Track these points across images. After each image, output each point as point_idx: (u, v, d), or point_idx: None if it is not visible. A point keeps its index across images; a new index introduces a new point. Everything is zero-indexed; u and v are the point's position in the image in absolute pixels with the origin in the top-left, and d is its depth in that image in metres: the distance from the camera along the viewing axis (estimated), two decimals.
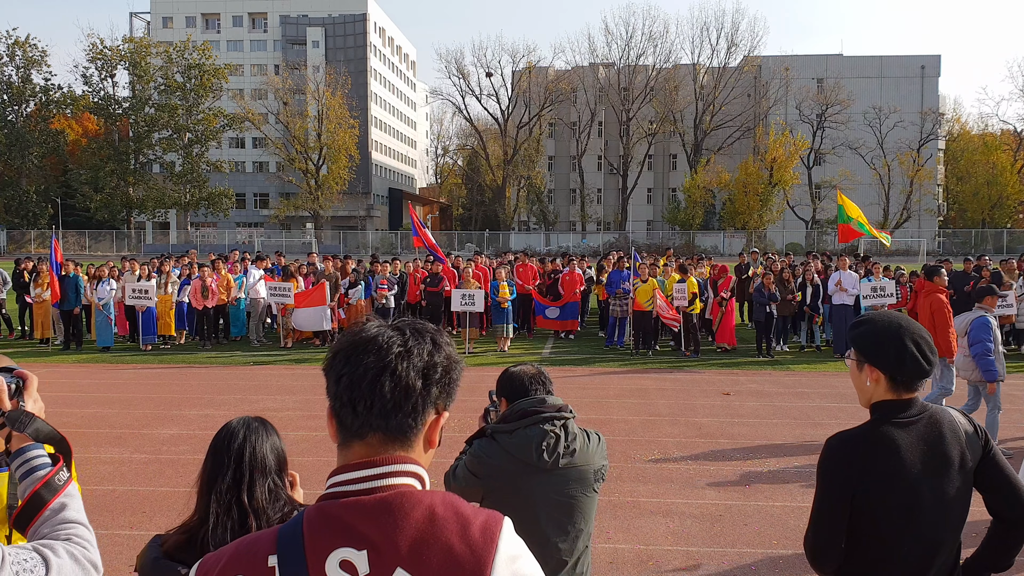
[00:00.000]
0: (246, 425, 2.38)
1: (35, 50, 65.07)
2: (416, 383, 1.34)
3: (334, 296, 15.70)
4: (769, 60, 67.20)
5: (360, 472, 1.31)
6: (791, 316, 15.25)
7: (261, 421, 2.42)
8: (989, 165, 65.41)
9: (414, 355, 1.35)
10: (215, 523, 2.21)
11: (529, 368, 2.91)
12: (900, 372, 2.33)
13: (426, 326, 1.42)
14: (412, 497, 1.28)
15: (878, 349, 2.36)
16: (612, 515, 6.24)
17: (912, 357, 2.32)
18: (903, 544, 2.28)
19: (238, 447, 2.31)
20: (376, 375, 1.32)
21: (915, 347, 2.33)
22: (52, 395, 11.18)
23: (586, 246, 58.02)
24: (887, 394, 2.37)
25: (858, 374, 2.42)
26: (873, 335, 2.39)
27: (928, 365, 2.34)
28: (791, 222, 64.20)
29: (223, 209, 65.68)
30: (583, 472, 2.79)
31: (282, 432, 2.52)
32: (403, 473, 1.32)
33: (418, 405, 1.35)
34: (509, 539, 1.30)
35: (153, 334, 15.58)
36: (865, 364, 2.39)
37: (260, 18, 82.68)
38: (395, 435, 1.33)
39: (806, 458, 7.91)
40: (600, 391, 11.47)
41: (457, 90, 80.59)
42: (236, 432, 2.34)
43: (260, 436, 2.36)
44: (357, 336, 1.38)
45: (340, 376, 1.35)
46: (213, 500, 2.25)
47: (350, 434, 1.34)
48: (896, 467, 2.26)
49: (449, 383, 1.40)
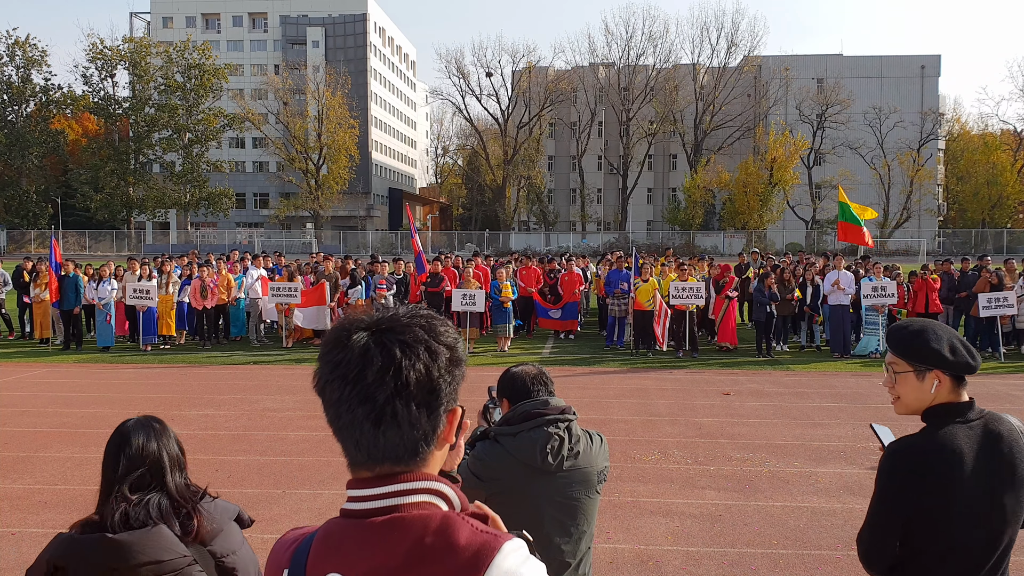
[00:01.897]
0: (151, 425, 2.48)
1: (35, 50, 65.09)
2: (419, 415, 1.24)
3: (334, 296, 15.70)
4: (769, 60, 67.20)
5: (370, 490, 1.25)
6: (791, 316, 15.26)
7: (159, 420, 2.53)
8: (989, 165, 65.42)
9: (411, 384, 1.23)
10: (128, 506, 2.31)
11: (531, 368, 2.90)
12: (967, 369, 2.31)
13: (415, 330, 1.27)
14: (409, 525, 1.21)
15: (942, 351, 2.32)
16: (612, 515, 6.23)
17: (967, 350, 2.32)
18: (961, 547, 2.27)
19: (152, 444, 2.42)
20: (374, 420, 1.23)
21: (961, 343, 2.33)
22: (52, 395, 11.18)
23: (586, 246, 58.01)
24: (948, 396, 2.34)
25: (919, 383, 2.35)
26: (932, 339, 2.34)
27: (976, 360, 2.33)
28: (791, 222, 64.20)
29: (223, 209, 65.69)
30: (586, 474, 2.78)
31: (282, 432, 2.58)
32: (417, 491, 1.25)
33: (427, 431, 1.26)
34: (499, 570, 1.18)
35: (153, 334, 15.57)
36: (929, 371, 2.33)
37: (260, 18, 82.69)
38: (406, 459, 1.26)
39: (806, 458, 7.91)
40: (600, 391, 11.46)
41: (457, 90, 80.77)
42: (132, 432, 2.43)
43: (168, 433, 2.50)
44: (338, 357, 1.26)
45: (330, 410, 1.28)
46: (121, 492, 2.34)
47: (357, 463, 1.28)
48: (959, 474, 2.24)
49: (453, 384, 1.29)
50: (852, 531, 5.97)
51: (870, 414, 9.84)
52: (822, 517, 6.27)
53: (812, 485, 7.06)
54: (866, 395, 11.10)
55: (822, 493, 6.84)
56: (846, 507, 6.48)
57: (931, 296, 14.91)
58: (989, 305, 14.14)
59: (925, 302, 14.90)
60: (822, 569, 5.32)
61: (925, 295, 14.92)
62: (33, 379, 12.65)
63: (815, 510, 6.43)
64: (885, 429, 2.62)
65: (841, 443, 8.45)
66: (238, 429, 9.08)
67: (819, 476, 7.32)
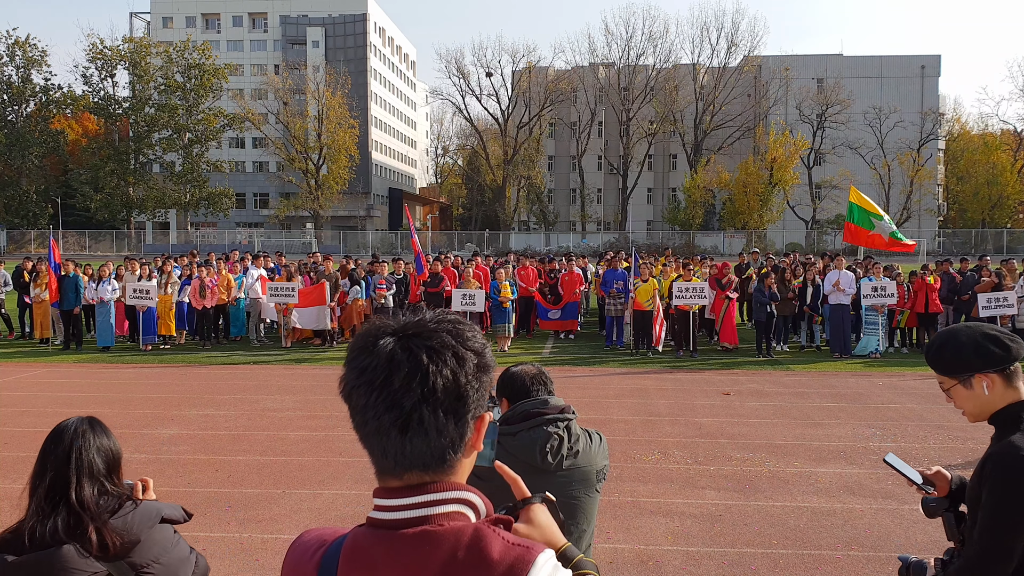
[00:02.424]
0: (74, 429, 2.41)
1: (35, 50, 65.07)
2: (446, 422, 1.23)
3: (334, 296, 15.71)
4: (769, 60, 67.20)
5: (399, 500, 1.23)
6: (791, 316, 15.26)
7: (91, 423, 2.46)
8: (989, 165, 65.41)
9: (438, 390, 1.21)
10: (36, 522, 2.30)
11: (530, 368, 2.91)
12: (1004, 360, 2.24)
13: (442, 335, 1.25)
14: (441, 539, 1.20)
15: (968, 355, 2.27)
16: (612, 515, 6.23)
17: (996, 342, 2.26)
18: None
19: (63, 451, 2.36)
20: (401, 426, 1.21)
21: (987, 337, 2.28)
22: (52, 395, 11.19)
23: (586, 246, 58.02)
24: (1006, 392, 2.26)
25: (970, 392, 2.30)
26: (954, 347, 2.31)
27: (1014, 342, 2.27)
28: (791, 222, 64.20)
29: (223, 209, 65.70)
30: (586, 473, 2.78)
31: (282, 432, 2.56)
32: (446, 501, 1.23)
33: (454, 438, 1.24)
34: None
35: (153, 334, 15.58)
36: (972, 376, 2.28)
37: (260, 18, 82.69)
38: (434, 466, 1.24)
39: (806, 458, 7.91)
40: (600, 391, 11.46)
41: (457, 90, 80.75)
42: (63, 436, 2.39)
43: (88, 439, 2.40)
44: (364, 362, 1.24)
45: (356, 416, 1.25)
46: (35, 501, 2.33)
47: (385, 471, 1.26)
48: None
49: (481, 390, 1.27)
50: (852, 531, 5.97)
51: (870, 414, 9.85)
52: (822, 517, 6.27)
53: (812, 485, 7.06)
54: (866, 395, 11.10)
55: (822, 493, 6.84)
56: (846, 507, 6.48)
57: (931, 296, 14.91)
58: (989, 305, 14.14)
59: (925, 302, 14.90)
60: (822, 569, 5.32)
61: (925, 295, 14.91)
62: (33, 379, 12.65)
63: (815, 510, 6.43)
64: (900, 460, 2.56)
65: (841, 443, 8.45)
66: (238, 429, 9.08)
67: (819, 476, 7.32)
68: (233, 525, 6.10)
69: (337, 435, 8.65)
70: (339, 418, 9.38)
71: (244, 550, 5.61)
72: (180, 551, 2.44)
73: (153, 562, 2.34)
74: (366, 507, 1.43)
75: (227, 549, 5.63)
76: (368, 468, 1.31)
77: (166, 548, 2.39)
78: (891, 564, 5.39)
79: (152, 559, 2.34)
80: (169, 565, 2.38)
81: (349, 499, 6.69)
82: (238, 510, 6.42)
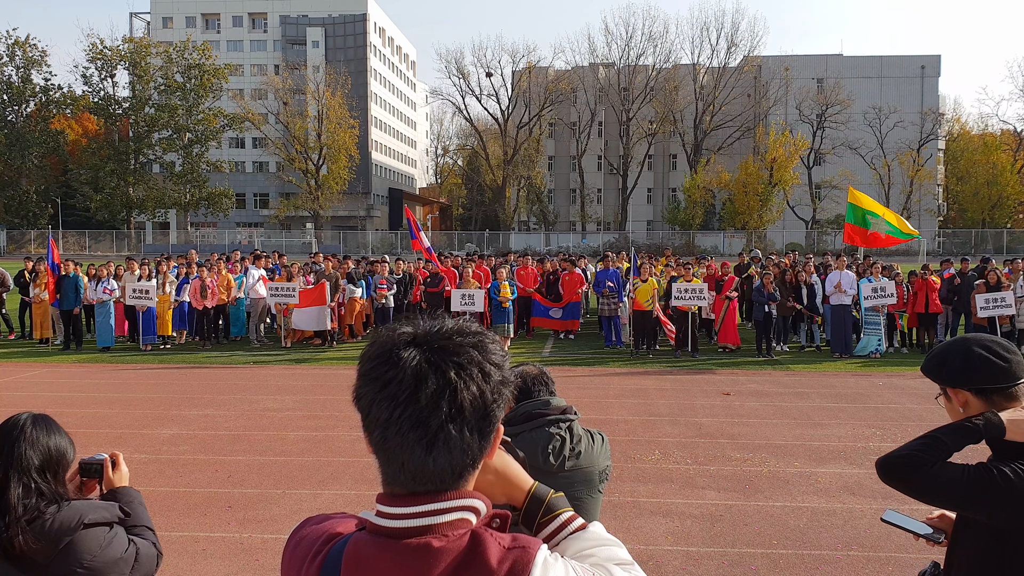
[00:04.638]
0: (19, 424, 2.38)
1: (35, 50, 65.09)
2: (471, 440, 1.20)
3: (334, 296, 15.70)
4: (769, 60, 67.19)
5: (404, 508, 1.21)
6: (791, 316, 15.25)
7: (35, 420, 2.43)
8: (989, 165, 65.42)
9: (466, 409, 1.18)
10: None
11: (531, 368, 2.90)
12: (984, 381, 2.09)
13: (468, 351, 1.21)
14: (442, 552, 1.18)
15: (951, 367, 2.13)
16: (612, 515, 6.23)
17: (981, 358, 2.11)
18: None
19: (6, 448, 2.32)
20: (427, 444, 1.17)
21: (983, 348, 2.13)
22: (52, 395, 11.19)
23: (586, 246, 58.02)
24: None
25: (950, 405, 2.20)
26: (936, 356, 2.22)
27: (1005, 363, 2.09)
28: (791, 222, 64.20)
29: (223, 209, 65.69)
30: (588, 473, 2.78)
31: (282, 432, 2.53)
32: (452, 509, 1.20)
33: (476, 455, 1.22)
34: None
35: (153, 334, 15.57)
36: (944, 392, 2.18)
37: (260, 18, 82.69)
38: (449, 482, 1.22)
39: (806, 458, 7.91)
40: (600, 391, 11.46)
41: (457, 90, 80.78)
42: (7, 433, 2.36)
43: (26, 434, 2.36)
44: (387, 375, 1.19)
45: (376, 431, 1.20)
46: None
47: (395, 482, 1.23)
48: None
49: (503, 405, 1.24)
50: (852, 531, 5.97)
51: (870, 414, 9.85)
52: (822, 517, 6.27)
53: (812, 485, 7.06)
54: (866, 395, 11.10)
55: (822, 493, 6.84)
56: (846, 507, 6.48)
57: (931, 296, 14.91)
58: (987, 306, 14.13)
59: (925, 302, 14.90)
60: (822, 569, 5.32)
61: (925, 295, 14.92)
62: (33, 379, 12.65)
63: (815, 510, 6.43)
64: (900, 515, 2.43)
65: (841, 443, 8.45)
66: (238, 429, 9.08)
67: (819, 476, 7.32)
68: (233, 525, 6.10)
69: (337, 435, 8.65)
70: (339, 418, 9.38)
71: (244, 550, 5.61)
72: (113, 551, 2.31)
73: (77, 567, 2.23)
74: (366, 507, 1.43)
75: (227, 549, 5.63)
76: (368, 468, 1.31)
77: (92, 552, 2.26)
78: (891, 564, 5.40)
79: (76, 565, 2.23)
80: (96, 569, 2.26)
81: (349, 499, 6.69)
82: (238, 510, 6.42)
